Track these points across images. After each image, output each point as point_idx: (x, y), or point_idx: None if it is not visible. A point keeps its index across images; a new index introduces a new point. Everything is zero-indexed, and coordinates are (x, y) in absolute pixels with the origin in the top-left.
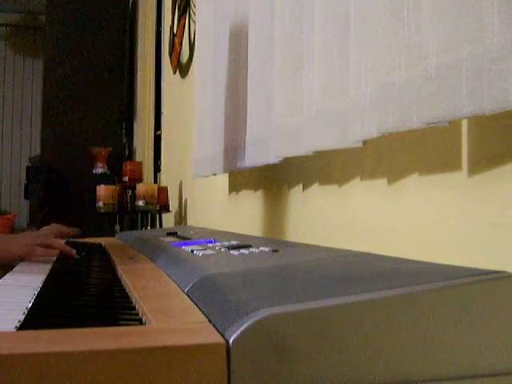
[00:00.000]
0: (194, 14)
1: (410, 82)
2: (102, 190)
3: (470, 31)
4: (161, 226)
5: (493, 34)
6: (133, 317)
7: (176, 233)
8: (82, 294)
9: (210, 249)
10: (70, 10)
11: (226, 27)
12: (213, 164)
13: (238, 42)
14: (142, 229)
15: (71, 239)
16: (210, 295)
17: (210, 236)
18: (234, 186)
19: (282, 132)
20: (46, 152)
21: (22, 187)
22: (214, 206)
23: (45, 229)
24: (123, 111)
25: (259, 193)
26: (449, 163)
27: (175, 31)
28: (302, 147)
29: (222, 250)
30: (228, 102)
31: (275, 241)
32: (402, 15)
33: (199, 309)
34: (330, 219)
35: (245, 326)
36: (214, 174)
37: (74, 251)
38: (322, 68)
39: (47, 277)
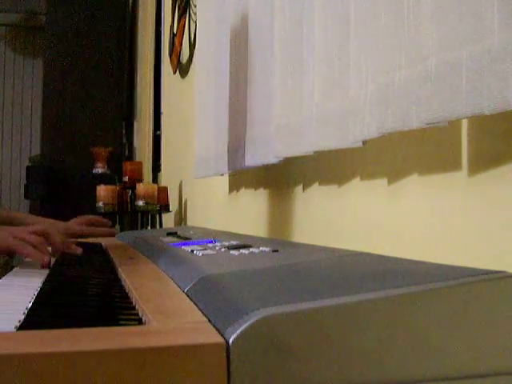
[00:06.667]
0: (194, 13)
1: (409, 81)
2: (102, 190)
3: (469, 31)
4: (161, 226)
5: (493, 33)
6: (133, 317)
7: (176, 233)
8: (82, 293)
9: (210, 249)
10: (69, 10)
11: (226, 27)
12: (213, 165)
13: (238, 41)
14: (141, 229)
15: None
16: (209, 295)
17: (210, 236)
18: (234, 186)
19: (282, 132)
20: (46, 152)
21: (22, 187)
22: (214, 206)
23: (72, 221)
24: (123, 111)
25: (259, 193)
26: (449, 163)
27: (175, 31)
28: (302, 147)
29: (222, 249)
30: (228, 102)
31: (275, 241)
32: (401, 15)
33: (199, 309)
34: (330, 219)
35: (245, 325)
36: (221, 175)
37: (45, 257)
38: (322, 68)
39: (47, 277)
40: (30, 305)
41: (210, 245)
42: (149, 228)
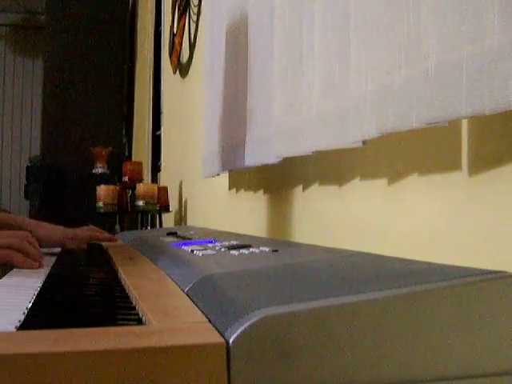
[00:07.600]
0: (194, 14)
1: (409, 81)
2: (102, 190)
3: (470, 31)
4: (161, 226)
5: (493, 33)
6: (133, 317)
7: (176, 233)
8: (82, 293)
9: (210, 249)
10: (70, 10)
11: (224, 27)
12: (213, 164)
13: (238, 41)
14: (141, 229)
15: None
16: (209, 295)
17: (210, 236)
18: (234, 186)
19: (282, 132)
20: (46, 152)
21: (22, 187)
22: (214, 206)
23: (79, 229)
24: (123, 111)
25: (259, 193)
26: (449, 163)
27: (175, 31)
28: (302, 147)
29: (222, 249)
30: (228, 102)
31: (275, 241)
32: (402, 15)
33: (199, 309)
34: (330, 219)
35: (245, 325)
36: (218, 175)
37: (36, 264)
38: (322, 68)
39: (47, 277)
40: (30, 305)
41: (210, 245)
42: (149, 228)
